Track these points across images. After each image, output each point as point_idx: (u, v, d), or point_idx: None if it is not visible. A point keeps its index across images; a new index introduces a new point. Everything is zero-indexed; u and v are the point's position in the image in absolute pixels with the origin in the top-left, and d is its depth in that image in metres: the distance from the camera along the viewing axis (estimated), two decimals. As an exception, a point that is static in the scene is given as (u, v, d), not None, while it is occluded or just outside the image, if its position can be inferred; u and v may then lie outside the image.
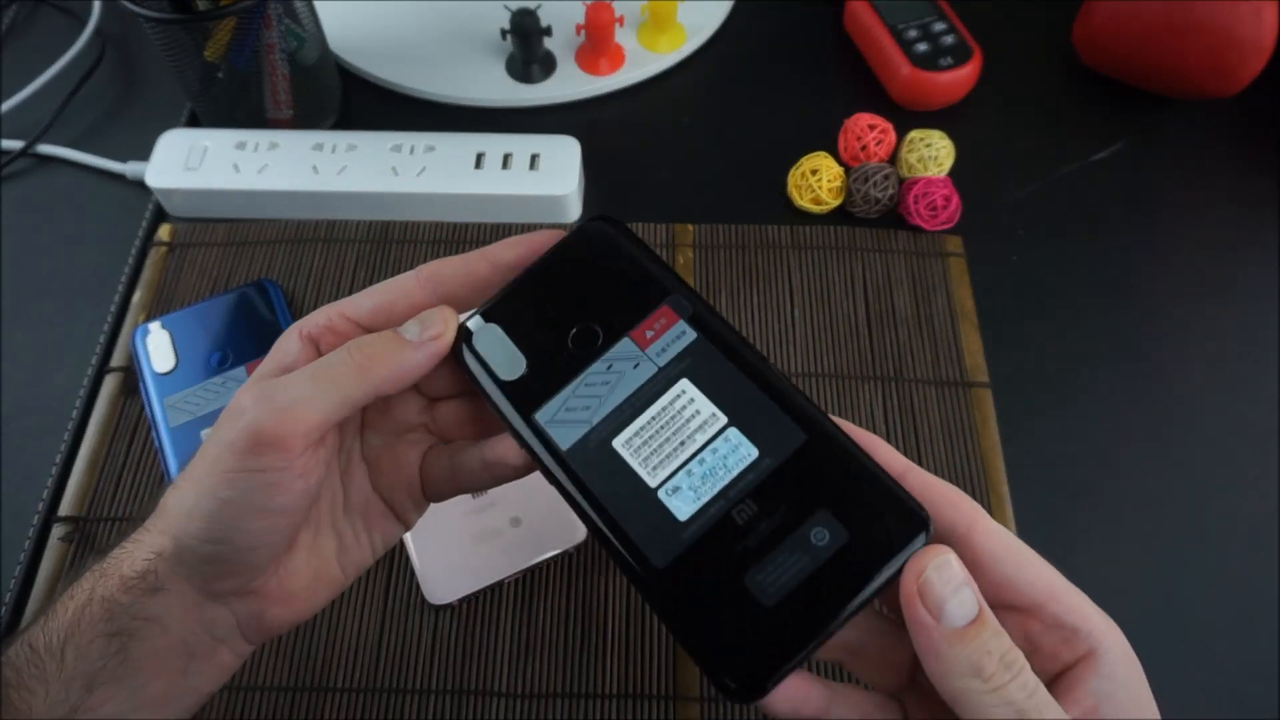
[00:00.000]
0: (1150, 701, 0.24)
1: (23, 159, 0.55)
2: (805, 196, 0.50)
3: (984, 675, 0.21)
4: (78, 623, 0.26)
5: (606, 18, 0.54)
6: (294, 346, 0.28)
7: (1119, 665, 0.23)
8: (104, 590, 0.26)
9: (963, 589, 0.22)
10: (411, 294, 0.28)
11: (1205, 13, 0.49)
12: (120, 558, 0.27)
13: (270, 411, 0.25)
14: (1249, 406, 0.45)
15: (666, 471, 0.25)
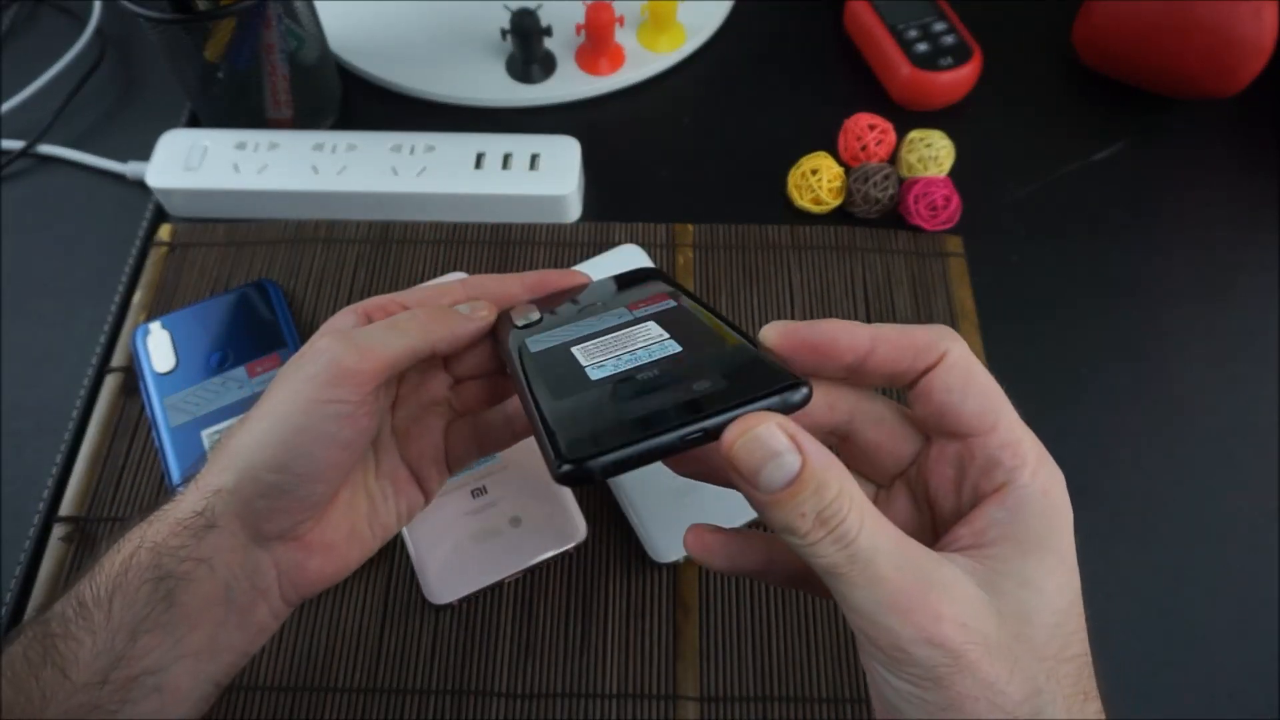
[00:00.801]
0: (1060, 545, 0.24)
1: (23, 159, 0.55)
2: (805, 196, 0.50)
3: (798, 533, 0.23)
4: (125, 572, 0.27)
5: (606, 18, 0.54)
6: (349, 320, 0.31)
7: (1030, 500, 0.24)
8: (154, 536, 0.28)
9: (777, 457, 0.22)
10: (454, 294, 0.33)
11: (1205, 13, 0.49)
12: (170, 509, 0.29)
13: (350, 349, 0.28)
14: (1249, 406, 0.45)
15: (598, 359, 0.27)
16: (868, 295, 0.48)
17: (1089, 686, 0.24)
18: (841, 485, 0.23)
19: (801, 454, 0.22)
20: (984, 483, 0.25)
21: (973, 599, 0.23)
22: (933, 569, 0.23)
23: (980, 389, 0.26)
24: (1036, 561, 0.24)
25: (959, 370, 0.26)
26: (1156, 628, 0.39)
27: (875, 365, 0.26)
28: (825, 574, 0.23)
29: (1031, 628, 0.23)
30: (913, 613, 0.22)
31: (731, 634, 0.39)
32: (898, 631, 0.22)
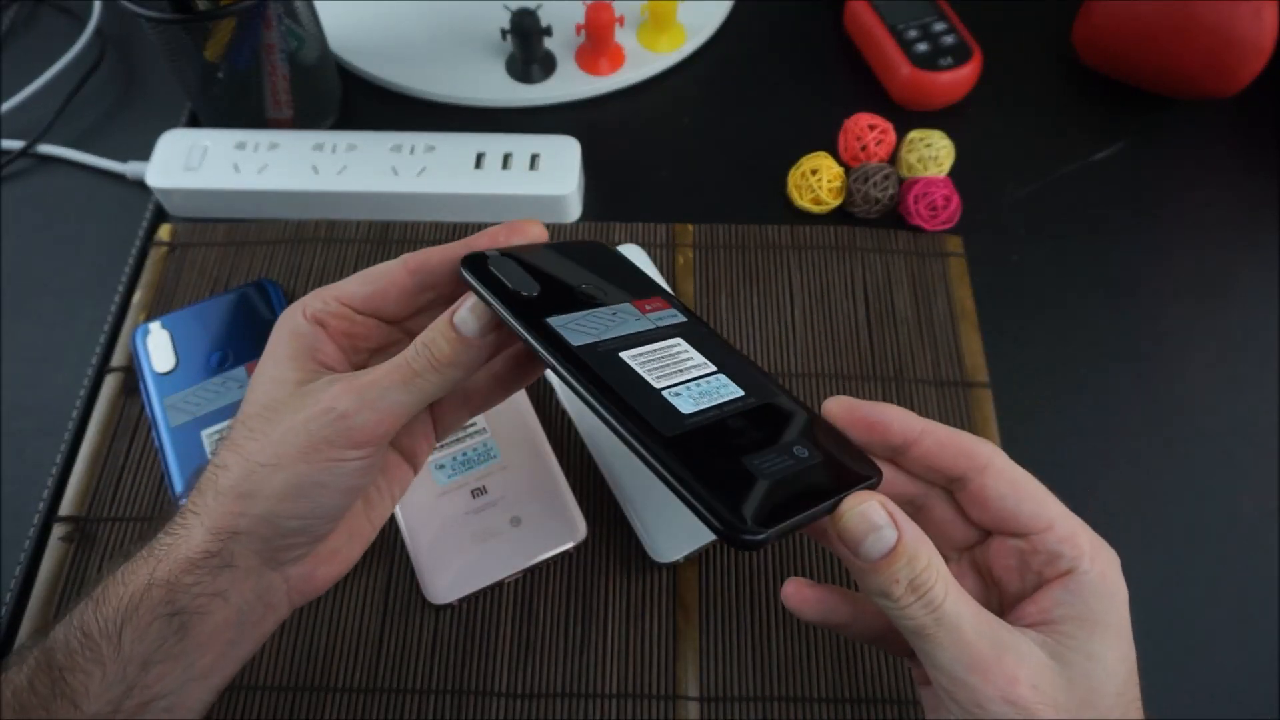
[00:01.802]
0: (1119, 621, 0.27)
1: (23, 159, 0.55)
2: (805, 196, 0.50)
3: (892, 596, 0.26)
4: (135, 607, 0.28)
5: (606, 18, 0.54)
6: (306, 328, 0.30)
7: (1091, 584, 0.27)
8: (164, 574, 0.28)
9: (878, 531, 0.26)
10: (400, 283, 0.31)
11: (1205, 13, 0.49)
12: (174, 543, 0.29)
13: (372, 417, 0.29)
14: (1249, 406, 0.45)
15: (668, 382, 0.28)
16: (868, 295, 0.48)
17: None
18: (930, 558, 0.26)
19: (898, 528, 0.26)
20: (1047, 570, 0.28)
21: (1044, 666, 0.26)
22: (1008, 637, 0.26)
23: (1029, 494, 0.29)
24: (1100, 637, 0.27)
25: (1006, 478, 0.29)
26: (1156, 628, 0.39)
27: (920, 455, 0.29)
28: (913, 635, 0.26)
29: (1096, 695, 0.26)
30: (991, 673, 0.25)
31: (731, 634, 0.39)
32: (979, 690, 0.25)
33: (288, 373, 0.30)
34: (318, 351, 0.30)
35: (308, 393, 0.29)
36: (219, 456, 0.30)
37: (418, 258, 0.31)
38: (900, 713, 0.37)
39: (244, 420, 0.30)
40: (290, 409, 0.29)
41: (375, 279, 0.31)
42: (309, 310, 0.30)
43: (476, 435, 0.42)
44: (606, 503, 0.42)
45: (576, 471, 0.42)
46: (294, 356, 0.30)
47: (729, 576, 0.40)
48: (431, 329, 0.29)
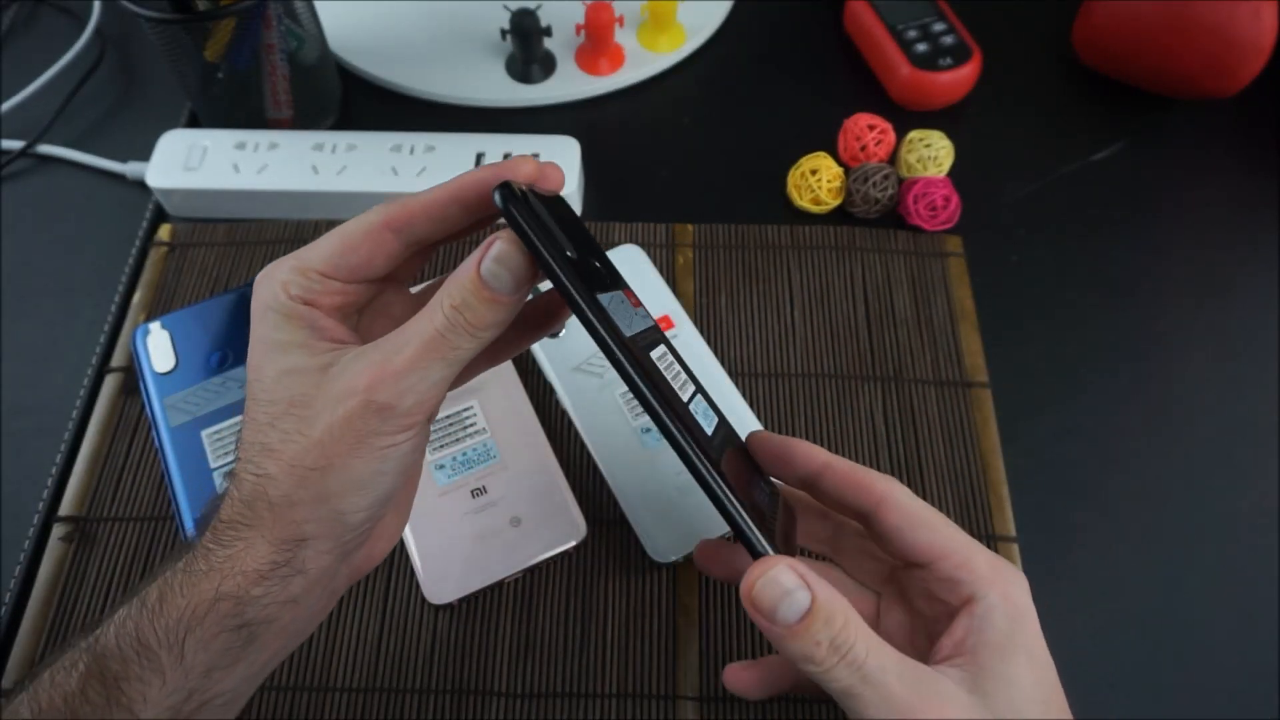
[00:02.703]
0: (1029, 642, 0.28)
1: (23, 159, 0.55)
2: (805, 196, 0.50)
3: (815, 660, 0.26)
4: (200, 620, 0.27)
5: (606, 18, 0.54)
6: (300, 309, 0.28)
7: (994, 609, 0.28)
8: (230, 588, 0.27)
9: (790, 595, 0.26)
10: (386, 246, 0.29)
11: (1205, 13, 0.49)
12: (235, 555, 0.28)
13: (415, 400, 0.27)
14: (1249, 406, 0.45)
15: (685, 395, 0.28)
16: (867, 295, 0.48)
17: None
18: (847, 615, 0.26)
19: (810, 589, 0.26)
20: (952, 598, 0.29)
21: (967, 704, 0.27)
22: (931, 680, 0.27)
23: (924, 523, 0.30)
24: (1012, 662, 0.27)
25: (903, 511, 0.30)
26: (1157, 628, 0.39)
27: (826, 489, 0.31)
28: (841, 696, 0.27)
29: (1006, 713, 0.27)
30: (915, 713, 0.26)
31: (731, 634, 0.39)
32: None
33: (301, 360, 0.28)
34: (320, 330, 0.28)
35: (334, 379, 0.27)
36: (257, 465, 0.28)
37: (398, 214, 0.28)
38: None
39: (271, 422, 0.27)
40: (322, 403, 0.27)
41: (353, 246, 0.28)
42: (292, 290, 0.28)
43: (476, 435, 0.42)
44: (606, 503, 0.42)
45: (576, 471, 0.42)
46: (301, 343, 0.28)
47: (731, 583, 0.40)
48: (458, 288, 0.27)
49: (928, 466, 0.43)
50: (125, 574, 0.40)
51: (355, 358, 0.27)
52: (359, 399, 0.27)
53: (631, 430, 0.42)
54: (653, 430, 0.42)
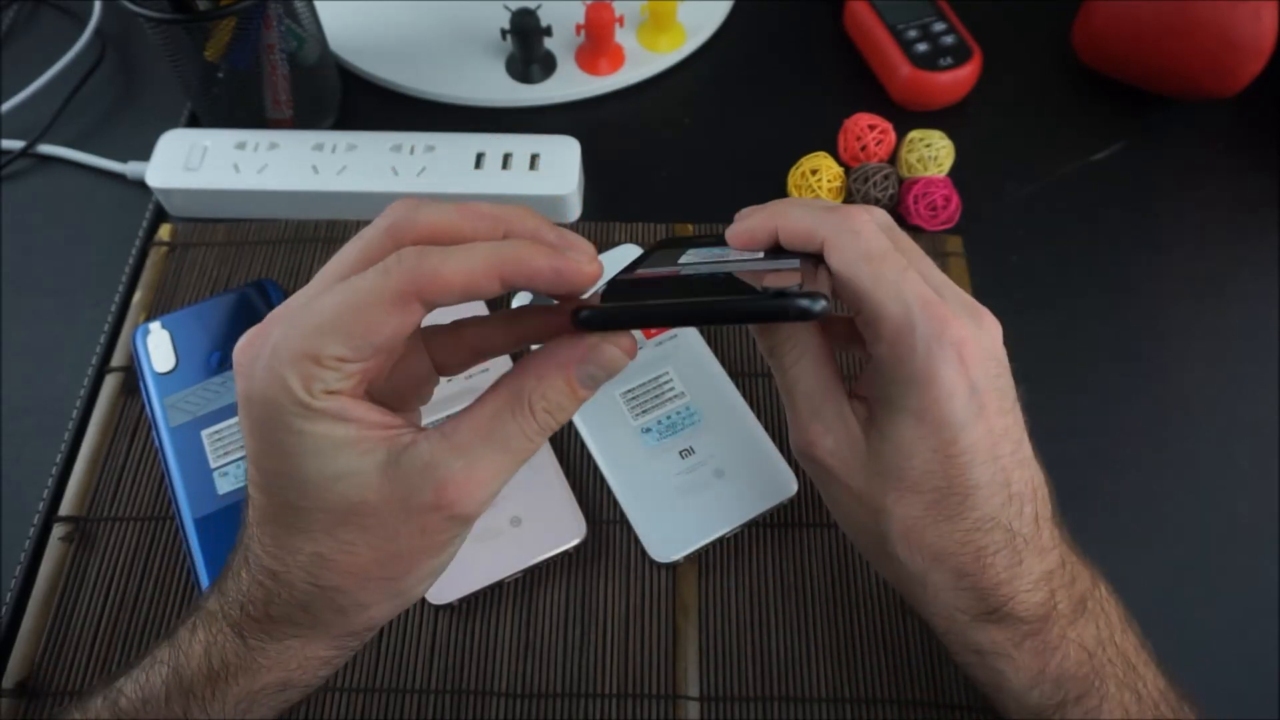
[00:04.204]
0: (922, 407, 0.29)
1: (23, 159, 0.55)
2: (805, 196, 0.50)
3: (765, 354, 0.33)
4: (258, 700, 0.29)
5: (606, 18, 0.54)
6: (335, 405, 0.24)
7: (887, 371, 0.29)
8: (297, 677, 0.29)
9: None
10: (416, 318, 0.25)
11: (1204, 13, 0.49)
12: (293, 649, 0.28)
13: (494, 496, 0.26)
14: (1249, 406, 0.45)
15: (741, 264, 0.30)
16: (868, 295, 0.48)
17: (952, 510, 0.29)
18: (790, 332, 0.31)
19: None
20: (869, 348, 0.31)
21: (849, 436, 0.31)
22: (831, 407, 0.31)
23: (855, 272, 0.29)
24: (892, 419, 0.29)
25: (841, 253, 0.30)
26: (1156, 628, 0.39)
27: (787, 243, 0.31)
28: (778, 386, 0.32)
29: (883, 464, 0.30)
30: (801, 432, 0.31)
31: (731, 634, 0.39)
32: (792, 440, 0.32)
33: (351, 463, 0.24)
34: (358, 422, 0.25)
35: (403, 487, 0.25)
36: (313, 575, 0.26)
37: (430, 288, 0.24)
38: (900, 713, 0.37)
39: (326, 530, 0.25)
40: (393, 515, 0.25)
41: (376, 326, 0.24)
42: (314, 388, 0.24)
43: (476, 435, 0.42)
44: (606, 503, 0.42)
45: (576, 471, 0.42)
46: (342, 442, 0.24)
47: (729, 576, 0.40)
48: (552, 391, 0.25)
49: (928, 466, 0.43)
50: (125, 574, 0.40)
51: (430, 465, 0.25)
52: (445, 514, 0.25)
53: (631, 430, 0.42)
54: (652, 430, 0.42)
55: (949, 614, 0.30)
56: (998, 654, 0.30)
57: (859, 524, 0.31)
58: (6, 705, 0.38)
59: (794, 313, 0.25)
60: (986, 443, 0.29)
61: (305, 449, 0.24)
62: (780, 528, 0.41)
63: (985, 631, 0.30)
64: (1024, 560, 0.30)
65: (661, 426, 0.42)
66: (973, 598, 0.30)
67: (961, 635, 0.31)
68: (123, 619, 0.39)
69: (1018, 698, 0.30)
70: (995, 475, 0.29)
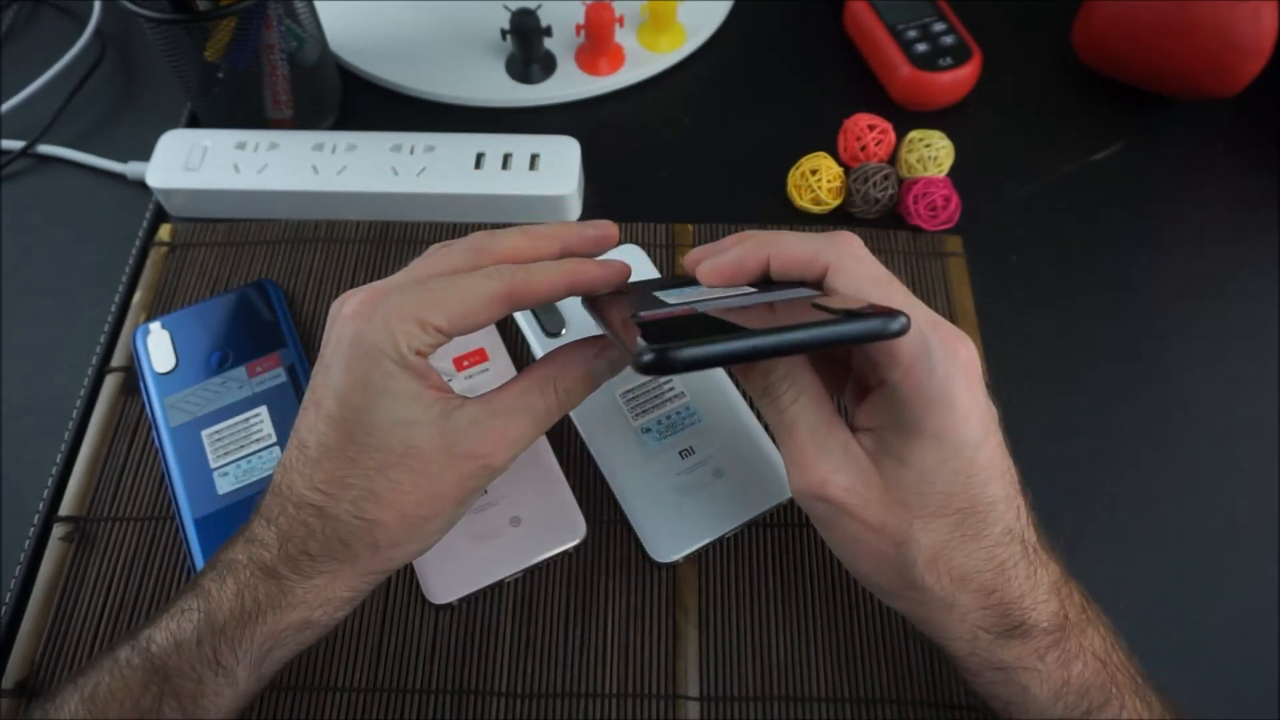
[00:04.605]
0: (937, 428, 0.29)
1: (23, 159, 0.55)
2: (805, 196, 0.50)
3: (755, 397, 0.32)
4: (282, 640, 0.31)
5: (606, 18, 0.54)
6: (420, 364, 0.30)
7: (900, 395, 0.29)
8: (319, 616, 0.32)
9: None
10: (497, 312, 0.31)
11: (1204, 13, 0.49)
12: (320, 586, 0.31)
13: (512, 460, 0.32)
14: (1249, 406, 0.45)
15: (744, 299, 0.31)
16: (868, 295, 0.48)
17: (975, 529, 0.30)
18: (787, 370, 0.30)
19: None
20: (871, 375, 0.31)
21: (860, 471, 0.30)
22: (832, 442, 0.30)
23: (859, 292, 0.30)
24: (911, 446, 0.29)
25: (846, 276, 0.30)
26: (1156, 628, 0.39)
27: (779, 272, 0.32)
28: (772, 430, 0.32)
29: (905, 493, 0.29)
30: (807, 471, 0.30)
31: (731, 634, 0.39)
32: (797, 483, 0.30)
33: (416, 413, 0.30)
34: (428, 379, 0.30)
35: (452, 439, 0.30)
36: (360, 509, 0.30)
37: (523, 293, 0.31)
38: (900, 713, 0.37)
39: (380, 469, 0.29)
40: (441, 462, 0.30)
41: (476, 313, 0.30)
42: (414, 344, 0.30)
43: (476, 435, 0.42)
44: (606, 503, 0.42)
45: (576, 471, 0.42)
46: (415, 395, 0.30)
47: (729, 576, 0.40)
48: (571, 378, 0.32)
49: (928, 466, 0.43)
50: (125, 574, 0.40)
51: (473, 423, 0.30)
52: (480, 463, 0.30)
53: (631, 430, 0.42)
54: (652, 430, 0.42)
55: (973, 635, 0.30)
56: (1023, 668, 0.30)
57: (877, 559, 0.30)
58: (6, 705, 0.38)
59: (894, 330, 0.26)
60: (997, 458, 0.30)
61: (387, 392, 0.29)
62: (780, 528, 0.41)
63: (1010, 648, 0.30)
64: (1037, 570, 0.30)
65: (661, 427, 0.42)
66: (998, 614, 0.30)
67: (986, 655, 0.30)
68: (123, 619, 0.39)
69: (1041, 712, 0.30)
70: (1007, 489, 0.30)
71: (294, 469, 0.31)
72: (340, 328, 0.30)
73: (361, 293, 0.31)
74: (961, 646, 0.31)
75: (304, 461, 0.30)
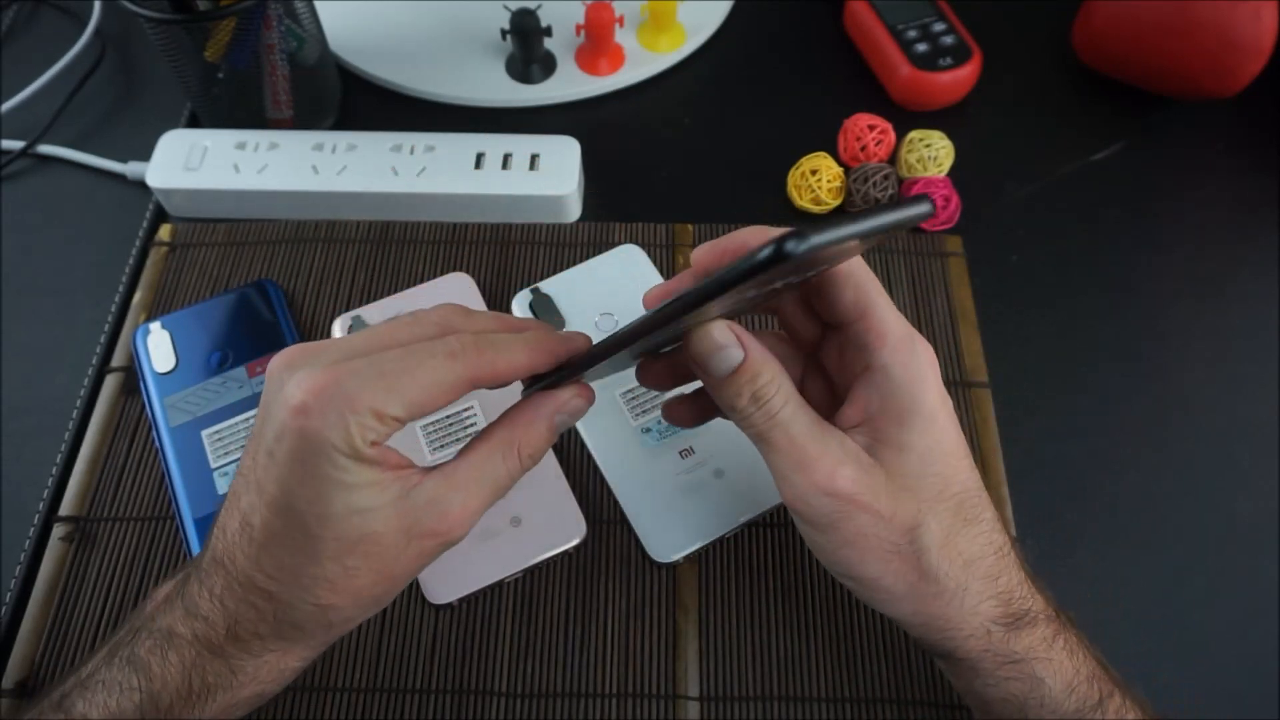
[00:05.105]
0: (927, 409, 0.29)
1: (23, 159, 0.55)
2: (805, 197, 0.50)
3: (737, 408, 0.30)
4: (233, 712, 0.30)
5: (606, 18, 0.54)
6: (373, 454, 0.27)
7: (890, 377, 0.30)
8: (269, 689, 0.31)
9: (724, 349, 0.29)
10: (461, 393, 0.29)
11: (1204, 13, 0.49)
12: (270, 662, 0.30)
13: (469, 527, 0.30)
14: (1249, 406, 0.45)
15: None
16: (868, 295, 0.48)
17: (971, 514, 0.30)
18: (774, 374, 0.29)
19: (744, 348, 0.29)
20: (857, 363, 0.31)
21: (863, 462, 0.29)
22: (833, 439, 0.30)
23: (855, 282, 0.30)
24: (908, 428, 0.29)
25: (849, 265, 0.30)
26: (1157, 628, 0.39)
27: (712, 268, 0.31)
28: (756, 441, 0.30)
29: (914, 480, 0.29)
30: (813, 470, 0.29)
31: (731, 634, 0.39)
32: (803, 485, 0.29)
33: (372, 499, 0.27)
34: (390, 464, 0.28)
35: (409, 518, 0.28)
36: (314, 596, 0.28)
37: (485, 376, 0.29)
38: (900, 713, 0.37)
39: (335, 557, 0.27)
40: (397, 542, 0.28)
41: (437, 400, 0.28)
42: (369, 437, 0.27)
43: (476, 435, 0.42)
44: (606, 503, 0.42)
45: (576, 471, 0.42)
46: (371, 483, 0.27)
47: (729, 576, 0.40)
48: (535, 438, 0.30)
49: (928, 466, 0.43)
50: (125, 574, 0.40)
51: (432, 501, 0.28)
52: (439, 540, 0.29)
53: (631, 430, 0.42)
54: (653, 430, 0.42)
55: (985, 630, 0.30)
56: (1036, 659, 0.30)
57: (887, 553, 0.30)
58: (6, 705, 0.38)
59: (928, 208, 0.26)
60: (965, 446, 0.31)
61: (341, 484, 0.27)
62: (780, 528, 0.41)
63: (1021, 637, 0.30)
64: (1021, 563, 0.31)
65: (661, 426, 0.42)
66: (1004, 602, 0.30)
67: (1001, 649, 0.30)
68: (122, 619, 0.39)
69: (1056, 706, 0.30)
70: (979, 478, 0.31)
71: (238, 546, 0.28)
72: (286, 417, 0.26)
73: (311, 374, 0.27)
74: (975, 645, 0.30)
75: (249, 542, 0.28)
